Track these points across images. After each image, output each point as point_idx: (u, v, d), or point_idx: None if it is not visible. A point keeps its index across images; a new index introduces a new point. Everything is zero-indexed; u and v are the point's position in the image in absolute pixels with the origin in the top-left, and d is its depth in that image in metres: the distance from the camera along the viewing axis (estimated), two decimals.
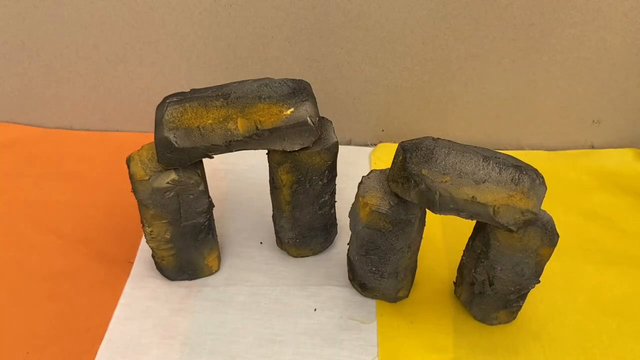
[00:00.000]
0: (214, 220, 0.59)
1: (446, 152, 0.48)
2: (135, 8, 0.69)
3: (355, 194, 0.53)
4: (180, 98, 0.51)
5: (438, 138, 0.49)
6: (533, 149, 0.79)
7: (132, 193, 0.53)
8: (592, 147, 0.79)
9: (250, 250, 0.64)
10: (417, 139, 0.49)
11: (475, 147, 0.49)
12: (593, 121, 0.77)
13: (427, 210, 0.51)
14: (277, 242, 0.64)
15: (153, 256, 0.59)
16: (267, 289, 0.60)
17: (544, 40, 0.69)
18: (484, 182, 0.46)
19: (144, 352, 0.54)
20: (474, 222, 0.53)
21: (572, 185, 0.72)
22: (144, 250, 0.64)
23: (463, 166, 0.47)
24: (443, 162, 0.47)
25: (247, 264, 0.63)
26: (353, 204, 0.54)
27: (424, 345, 0.55)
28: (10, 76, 0.77)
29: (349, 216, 0.55)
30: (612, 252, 0.64)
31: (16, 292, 0.59)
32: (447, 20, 0.68)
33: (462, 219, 0.48)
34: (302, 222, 0.59)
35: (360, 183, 0.52)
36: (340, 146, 0.56)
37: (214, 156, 0.52)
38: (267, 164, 0.56)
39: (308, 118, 0.50)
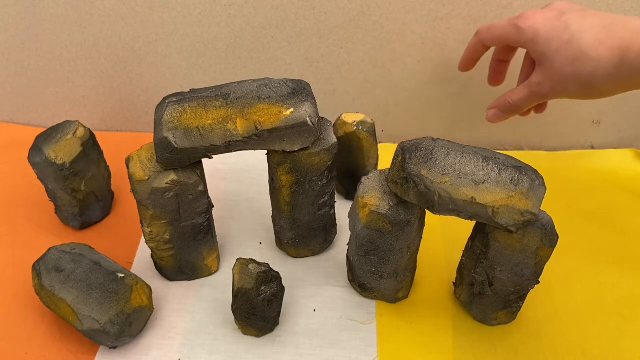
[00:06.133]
0: (213, 220, 0.59)
1: (446, 152, 0.48)
2: (135, 8, 0.69)
3: (354, 195, 0.53)
4: (180, 98, 0.51)
5: (438, 138, 0.49)
6: (533, 149, 0.79)
7: (132, 193, 0.53)
8: (592, 148, 0.79)
9: (249, 251, 0.64)
10: (416, 139, 0.49)
11: (475, 147, 0.49)
12: (593, 121, 0.77)
13: (427, 211, 0.51)
14: (276, 243, 0.64)
15: (152, 256, 0.59)
16: None
17: None
18: (483, 183, 0.46)
19: (144, 352, 0.54)
20: (474, 222, 0.53)
21: (572, 186, 0.72)
22: (143, 250, 0.64)
23: (462, 167, 0.47)
24: (442, 163, 0.47)
25: None
26: (352, 205, 0.54)
27: (423, 346, 0.55)
28: (10, 76, 0.77)
29: (348, 216, 0.55)
30: (612, 252, 0.64)
31: (16, 292, 0.59)
32: (447, 20, 0.68)
33: (461, 219, 0.48)
34: (301, 223, 0.59)
35: (360, 183, 0.52)
36: None
37: (214, 156, 0.52)
38: (267, 164, 0.56)
39: (308, 118, 0.50)
